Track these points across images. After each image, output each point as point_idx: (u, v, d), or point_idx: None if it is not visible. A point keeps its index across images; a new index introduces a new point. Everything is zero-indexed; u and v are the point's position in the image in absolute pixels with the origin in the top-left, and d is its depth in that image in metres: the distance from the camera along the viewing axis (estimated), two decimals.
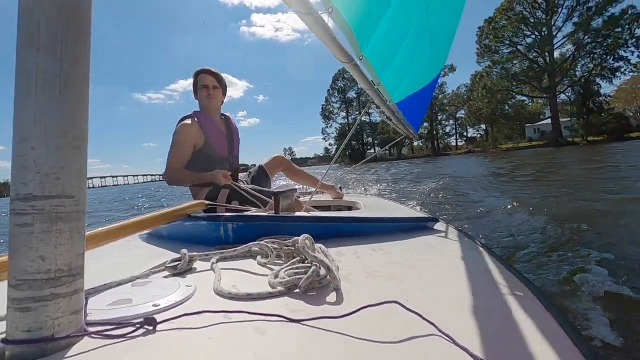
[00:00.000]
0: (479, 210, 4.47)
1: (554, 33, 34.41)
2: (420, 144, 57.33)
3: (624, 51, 32.62)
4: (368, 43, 1.24)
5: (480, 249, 1.05)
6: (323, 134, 65.12)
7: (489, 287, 0.70)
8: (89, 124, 0.48)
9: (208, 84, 2.03)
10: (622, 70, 33.32)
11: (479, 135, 50.98)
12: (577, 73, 35.02)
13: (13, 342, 0.42)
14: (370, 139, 60.00)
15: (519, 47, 36.31)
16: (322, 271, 0.65)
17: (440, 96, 53.60)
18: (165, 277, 0.76)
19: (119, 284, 0.69)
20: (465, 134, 56.71)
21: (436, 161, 26.04)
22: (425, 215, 1.49)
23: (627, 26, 31.21)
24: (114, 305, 0.57)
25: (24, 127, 0.43)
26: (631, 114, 36.52)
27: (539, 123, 41.98)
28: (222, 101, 2.17)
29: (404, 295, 0.61)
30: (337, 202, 2.53)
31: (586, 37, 33.21)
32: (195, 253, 0.85)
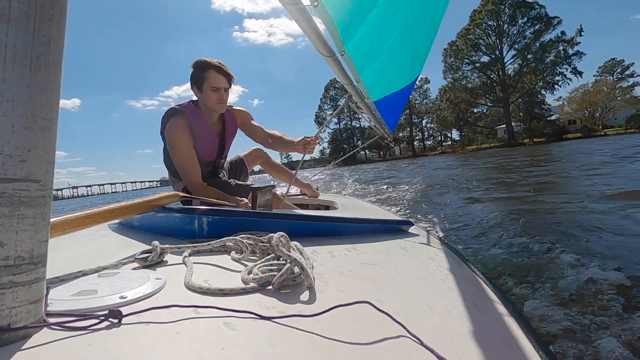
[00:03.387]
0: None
1: (505, 54, 43.70)
2: (404, 145, 62.81)
3: (560, 67, 41.91)
4: (351, 40, 1.26)
5: (452, 253, 1.08)
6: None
7: (458, 291, 0.72)
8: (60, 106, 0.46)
9: (220, 87, 1.74)
10: (560, 83, 42.43)
11: (450, 140, 58.22)
12: (525, 86, 42.76)
13: None
14: (360, 142, 64.39)
15: (476, 65, 45.27)
16: (297, 269, 0.65)
17: (417, 104, 59.67)
18: (135, 269, 0.74)
19: (84, 274, 0.67)
20: (440, 138, 62.21)
21: (413, 161, 29.09)
22: (400, 219, 1.52)
23: (561, 48, 40.94)
24: (77, 296, 0.55)
25: None
26: (583, 117, 44.20)
27: (503, 126, 48.86)
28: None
29: (376, 296, 0.62)
30: (315, 201, 2.54)
31: (529, 56, 41.95)
32: (167, 245, 0.83)
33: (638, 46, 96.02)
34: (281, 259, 0.71)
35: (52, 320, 0.46)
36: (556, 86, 42.41)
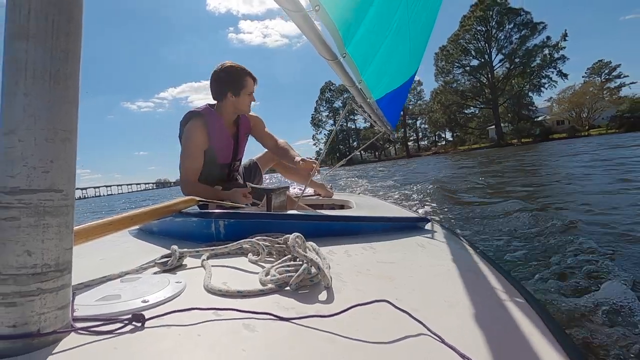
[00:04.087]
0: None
1: (493, 57, 46.59)
2: (399, 146, 65.54)
3: (546, 71, 44.66)
4: (351, 41, 1.26)
5: (470, 249, 1.06)
6: (314, 140, 72.93)
7: (477, 287, 0.71)
8: (79, 120, 0.47)
9: (253, 92, 1.90)
10: (546, 85, 45.23)
11: (444, 140, 60.78)
12: (513, 88, 45.38)
13: None
14: (355, 144, 66.91)
15: (466, 68, 47.94)
16: (313, 270, 0.65)
17: (411, 106, 62.09)
18: (155, 273, 0.75)
19: (107, 279, 0.69)
20: (434, 138, 63.83)
21: (407, 162, 30.91)
22: (416, 216, 1.50)
23: (547, 52, 43.70)
24: (102, 301, 0.57)
25: (12, 119, 0.42)
26: (570, 117, 45.53)
27: (493, 127, 50.65)
28: None
29: (394, 295, 0.61)
30: (330, 201, 2.53)
31: (517, 60, 44.56)
32: (186, 249, 0.84)
33: (628, 47, 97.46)
34: (298, 259, 0.72)
35: (79, 325, 0.47)
36: (542, 88, 45.36)
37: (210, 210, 1.20)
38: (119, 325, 0.48)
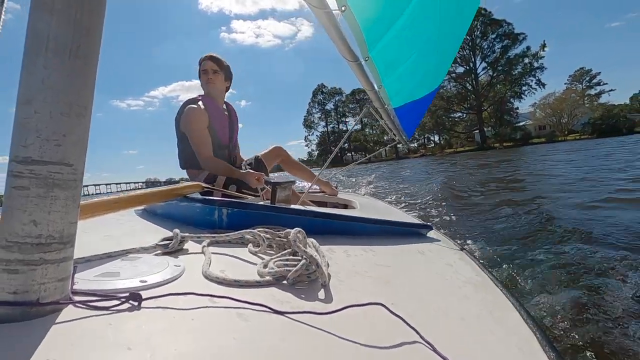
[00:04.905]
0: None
1: (477, 65, 50.04)
2: (388, 148, 65.18)
3: (526, 79, 48.01)
4: (376, 46, 1.25)
5: (471, 260, 1.05)
6: (306, 141, 74.81)
7: (474, 298, 0.70)
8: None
9: (207, 69, 2.03)
10: (526, 92, 48.60)
11: (433, 143, 62.51)
12: (496, 95, 48.55)
13: None
14: (346, 145, 68.33)
15: (452, 75, 50.14)
16: (312, 266, 0.66)
17: None
18: (156, 254, 0.76)
19: (108, 256, 0.70)
20: (423, 140, 65.25)
21: (398, 163, 33.36)
22: (419, 222, 1.50)
23: (527, 61, 47.23)
24: (101, 277, 0.57)
25: (30, 90, 0.43)
26: (551, 123, 48.07)
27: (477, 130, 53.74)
28: (228, 87, 2.17)
29: (390, 299, 0.61)
30: (334, 199, 2.53)
31: (499, 68, 48.12)
32: (188, 234, 0.85)
33: (612, 53, 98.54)
34: (297, 254, 0.72)
35: (77, 298, 0.48)
36: (523, 95, 48.94)
37: (214, 198, 1.21)
38: (115, 302, 0.48)
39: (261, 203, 1.30)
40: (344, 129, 69.63)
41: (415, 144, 65.16)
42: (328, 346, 0.44)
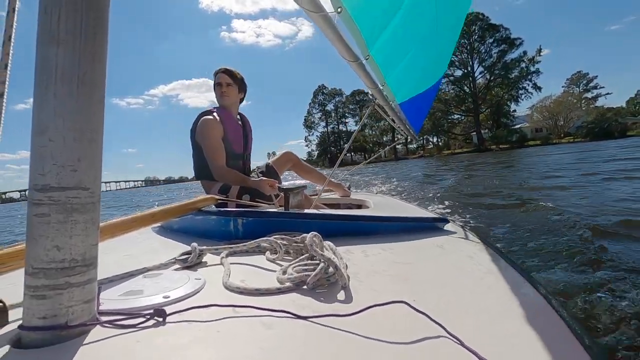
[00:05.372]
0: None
1: (475, 69, 51.09)
2: (387, 149, 68.73)
3: (523, 83, 49.05)
4: (375, 43, 1.24)
5: (490, 250, 1.03)
6: (306, 141, 75.81)
7: (497, 290, 0.69)
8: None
9: (222, 82, 2.07)
10: (523, 96, 49.77)
11: (432, 144, 63.43)
12: (493, 99, 49.61)
13: (29, 328, 0.44)
14: (346, 146, 67.72)
15: (451, 78, 51.21)
16: (331, 269, 0.65)
17: None
18: (176, 269, 0.77)
19: (131, 275, 0.71)
20: (423, 142, 65.56)
21: (396, 164, 34.29)
22: (435, 216, 1.48)
23: (524, 65, 48.36)
24: (125, 296, 0.58)
25: (43, 120, 0.44)
26: (547, 125, 48.95)
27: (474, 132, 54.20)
28: (242, 99, 2.21)
29: (412, 296, 0.61)
30: (347, 200, 2.52)
31: (496, 72, 49.09)
32: (206, 247, 0.86)
33: (612, 56, 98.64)
34: (315, 258, 0.72)
35: (104, 318, 0.49)
36: (519, 99, 50.23)
37: (229, 209, 1.22)
38: (141, 319, 0.49)
39: (275, 210, 1.31)
40: (344, 129, 70.63)
41: (415, 145, 66.01)
42: (354, 347, 0.44)
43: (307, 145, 75.71)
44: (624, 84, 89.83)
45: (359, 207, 2.36)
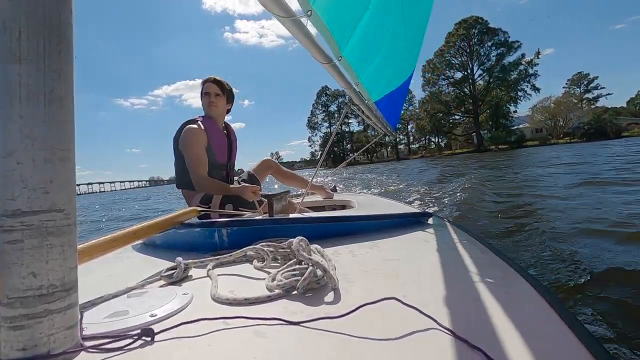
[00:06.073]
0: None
1: (475, 71, 51.68)
2: (390, 149, 70.38)
3: (521, 85, 48.96)
4: (347, 44, 1.26)
5: (476, 241, 1.06)
6: (309, 141, 76.31)
7: (485, 278, 0.71)
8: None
9: (210, 92, 2.06)
10: (522, 97, 49.80)
11: (434, 144, 64.46)
12: (492, 100, 49.81)
13: None
14: (349, 146, 70.56)
15: (450, 80, 52.85)
16: (319, 272, 0.65)
17: (402, 111, 63.92)
18: (162, 286, 0.75)
19: (114, 296, 0.68)
20: (425, 142, 67.21)
21: (396, 164, 34.74)
22: (419, 211, 1.50)
23: (522, 67, 48.48)
24: (110, 318, 0.56)
25: (10, 142, 0.42)
26: (546, 126, 50.34)
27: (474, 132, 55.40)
28: (228, 109, 2.20)
29: (401, 291, 0.61)
30: (331, 202, 2.53)
31: (495, 73, 49.40)
32: (191, 260, 0.84)
33: (615, 56, 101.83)
34: (303, 263, 0.72)
35: (88, 343, 0.47)
36: (518, 100, 50.23)
37: (213, 220, 1.20)
38: (128, 341, 0.47)
39: (259, 217, 1.30)
40: (347, 130, 71.23)
41: (416, 145, 67.41)
42: (348, 348, 0.44)
43: (310, 146, 76.80)
44: (626, 83, 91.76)
45: (343, 207, 2.37)
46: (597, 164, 8.71)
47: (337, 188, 2.89)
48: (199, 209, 1.25)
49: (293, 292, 0.64)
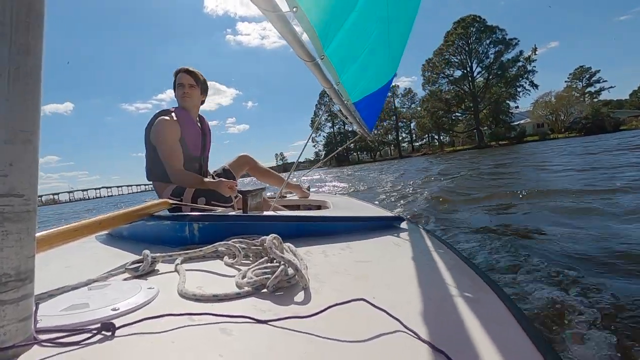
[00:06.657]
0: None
1: (474, 69, 51.59)
2: (393, 147, 70.90)
3: (520, 81, 49.07)
4: (330, 43, 1.26)
5: (443, 246, 1.09)
6: (313, 141, 76.00)
7: (451, 282, 0.73)
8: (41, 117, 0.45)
9: (184, 83, 2.02)
10: (521, 94, 50.00)
11: (437, 141, 64.64)
12: (491, 97, 50.41)
13: None
14: (352, 145, 70.13)
15: (450, 78, 52.90)
16: (291, 271, 0.65)
17: (404, 109, 68.26)
18: (126, 279, 0.72)
19: (74, 287, 0.65)
20: (428, 139, 67.87)
21: (399, 162, 35.30)
22: (392, 215, 1.53)
23: (521, 64, 48.89)
24: (68, 311, 0.54)
25: None
26: (547, 121, 50.56)
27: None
28: (203, 101, 2.14)
29: (371, 293, 0.62)
30: (307, 202, 2.53)
31: (494, 71, 49.88)
32: (159, 254, 0.81)
33: (619, 47, 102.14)
34: (275, 261, 0.71)
35: (42, 337, 0.45)
36: (517, 97, 50.46)
37: (184, 213, 1.17)
38: (86, 335, 0.45)
39: (233, 213, 1.28)
40: (350, 129, 71.28)
41: (419, 143, 68.17)
42: (315, 348, 0.44)
43: (314, 146, 76.79)
44: (630, 76, 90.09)
45: (319, 207, 2.38)
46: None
47: (311, 188, 2.90)
48: (170, 201, 1.21)
49: (263, 290, 0.63)
